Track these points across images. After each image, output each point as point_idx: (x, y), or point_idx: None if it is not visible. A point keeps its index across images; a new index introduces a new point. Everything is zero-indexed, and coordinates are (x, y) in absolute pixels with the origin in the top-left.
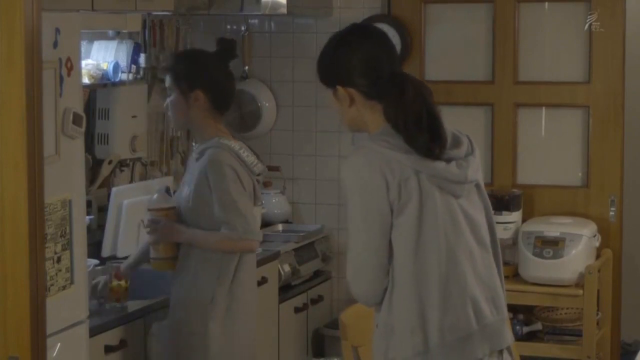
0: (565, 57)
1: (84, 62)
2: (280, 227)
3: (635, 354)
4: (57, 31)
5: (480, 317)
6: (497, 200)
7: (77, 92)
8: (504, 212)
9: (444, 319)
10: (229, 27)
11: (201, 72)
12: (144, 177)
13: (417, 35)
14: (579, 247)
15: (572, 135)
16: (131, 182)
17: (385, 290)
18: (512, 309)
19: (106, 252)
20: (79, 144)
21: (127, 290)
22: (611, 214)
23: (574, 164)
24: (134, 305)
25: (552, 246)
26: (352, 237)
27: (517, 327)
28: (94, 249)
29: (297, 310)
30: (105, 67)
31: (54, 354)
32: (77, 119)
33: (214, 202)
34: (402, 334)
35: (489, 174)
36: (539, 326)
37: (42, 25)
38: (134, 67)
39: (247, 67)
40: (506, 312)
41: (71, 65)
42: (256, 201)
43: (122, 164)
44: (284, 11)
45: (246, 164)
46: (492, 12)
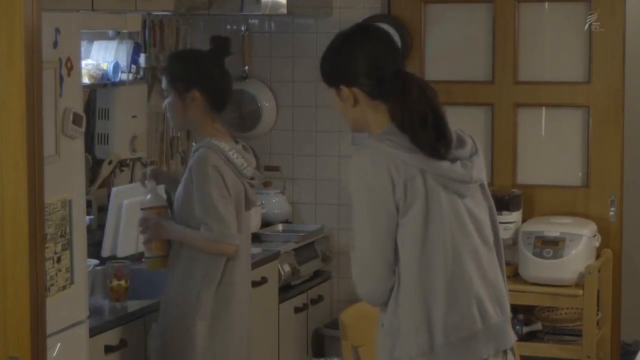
0: (565, 57)
1: (84, 62)
2: (280, 227)
3: (635, 354)
4: (57, 31)
5: (485, 316)
6: (497, 200)
7: (77, 92)
8: (504, 212)
9: (449, 319)
10: (229, 27)
11: (197, 72)
12: None
13: (417, 35)
14: (579, 247)
15: (572, 135)
16: (131, 182)
17: (391, 289)
18: (512, 309)
19: (106, 252)
20: (79, 144)
21: (127, 290)
22: (611, 214)
23: (574, 164)
24: (134, 305)
25: (552, 246)
26: (358, 236)
27: (517, 327)
28: (94, 249)
29: (297, 310)
30: (105, 67)
31: (54, 354)
32: (77, 119)
33: (195, 201)
34: (407, 333)
35: (489, 174)
36: (539, 326)
37: (42, 25)
38: (134, 67)
39: (247, 67)
40: (509, 312)
41: (71, 65)
42: (248, 205)
43: (122, 164)
44: (284, 11)
45: (235, 166)
46: (492, 12)
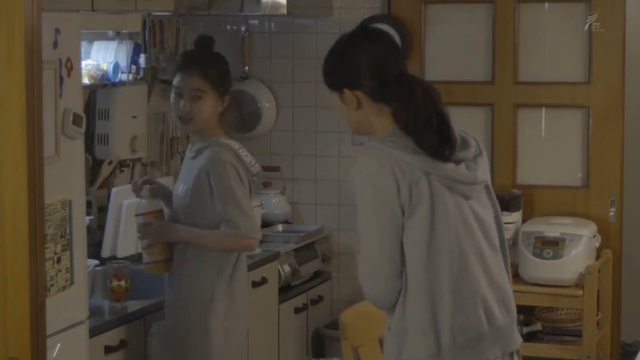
0: (565, 58)
1: (84, 63)
2: (280, 227)
3: (635, 354)
4: (57, 31)
5: (491, 318)
6: (497, 200)
7: (77, 92)
8: (504, 213)
9: (455, 320)
10: (228, 27)
11: (230, 77)
12: None
13: (417, 35)
14: (579, 248)
15: (572, 135)
16: (131, 182)
17: (399, 292)
18: None
19: (106, 252)
20: (79, 144)
21: (127, 290)
22: (611, 214)
23: (574, 164)
24: (134, 305)
25: (552, 246)
26: (363, 236)
27: (517, 328)
28: (94, 249)
29: (297, 310)
30: (105, 68)
31: (54, 354)
32: (77, 120)
33: (215, 199)
34: (415, 335)
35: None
36: (539, 326)
37: (42, 25)
38: (134, 67)
39: (247, 68)
40: (516, 314)
41: (71, 65)
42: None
43: (122, 165)
44: (284, 11)
45: (244, 163)
46: (492, 12)
